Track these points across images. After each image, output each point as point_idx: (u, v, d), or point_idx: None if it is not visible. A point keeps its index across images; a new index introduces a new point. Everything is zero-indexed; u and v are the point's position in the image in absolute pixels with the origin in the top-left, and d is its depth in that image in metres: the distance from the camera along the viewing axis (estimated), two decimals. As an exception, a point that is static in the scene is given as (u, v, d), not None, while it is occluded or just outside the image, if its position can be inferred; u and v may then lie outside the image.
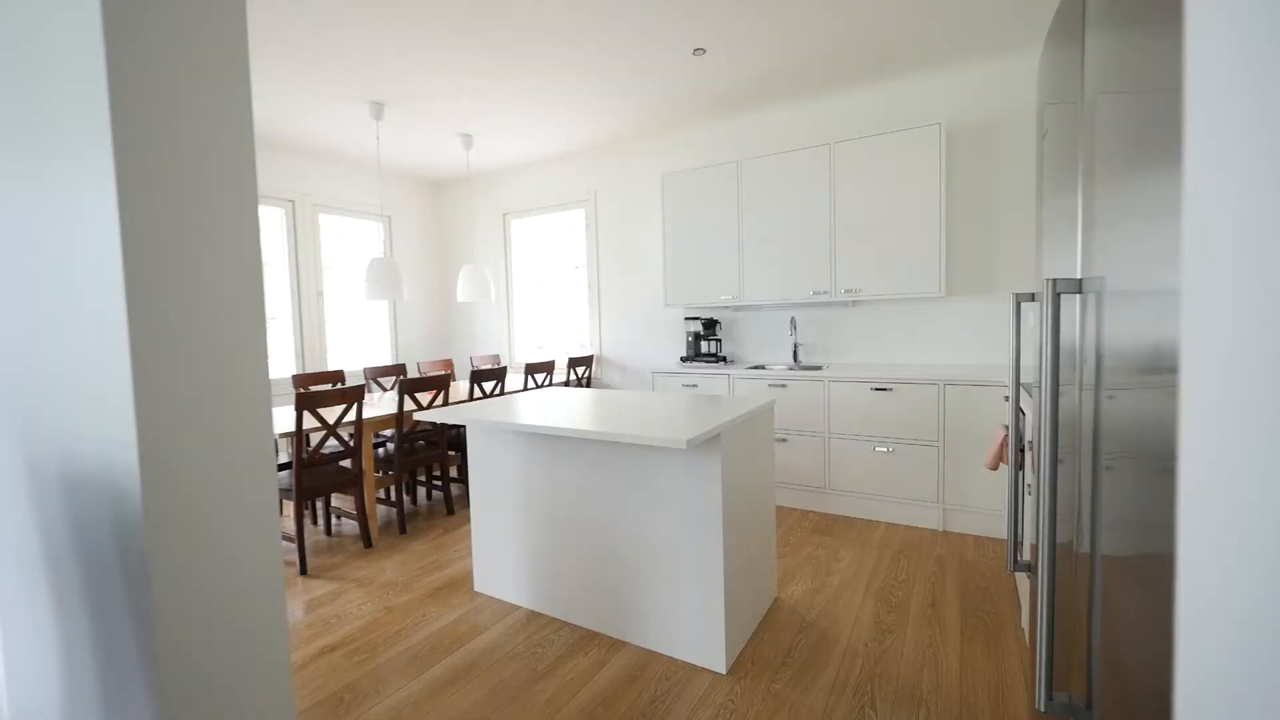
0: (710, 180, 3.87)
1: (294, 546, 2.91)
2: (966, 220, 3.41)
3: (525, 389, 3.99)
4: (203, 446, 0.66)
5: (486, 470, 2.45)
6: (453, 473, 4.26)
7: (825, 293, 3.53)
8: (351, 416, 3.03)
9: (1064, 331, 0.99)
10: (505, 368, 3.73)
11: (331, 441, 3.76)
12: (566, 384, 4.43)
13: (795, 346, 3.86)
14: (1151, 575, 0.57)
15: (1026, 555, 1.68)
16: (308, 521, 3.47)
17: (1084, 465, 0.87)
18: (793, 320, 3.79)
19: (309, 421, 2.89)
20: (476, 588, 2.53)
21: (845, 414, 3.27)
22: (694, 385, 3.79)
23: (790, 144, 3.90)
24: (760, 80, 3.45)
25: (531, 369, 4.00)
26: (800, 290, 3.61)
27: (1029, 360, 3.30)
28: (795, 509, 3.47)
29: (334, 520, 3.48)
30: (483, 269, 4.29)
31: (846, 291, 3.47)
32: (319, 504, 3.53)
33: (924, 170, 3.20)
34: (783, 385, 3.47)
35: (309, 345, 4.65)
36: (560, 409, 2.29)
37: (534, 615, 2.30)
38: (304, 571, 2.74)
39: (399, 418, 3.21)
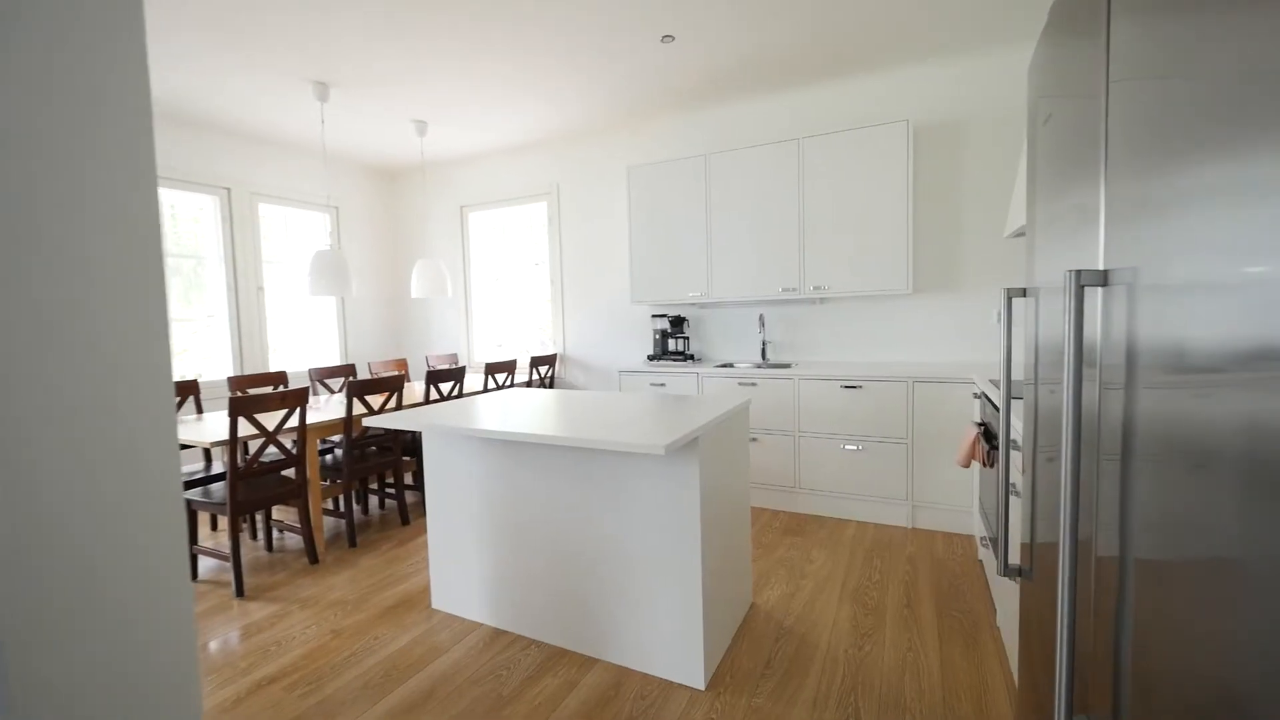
0: (677, 174, 3.78)
1: (229, 565, 2.65)
2: (933, 218, 3.42)
3: (485, 390, 3.81)
4: (75, 471, 0.50)
5: (444, 478, 2.28)
6: (408, 479, 4.04)
7: (794, 290, 3.49)
8: (294, 422, 2.79)
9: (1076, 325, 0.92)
10: (464, 368, 3.54)
11: (273, 449, 3.49)
12: (529, 384, 4.26)
13: (763, 344, 3.81)
14: (1207, 582, 0.52)
15: (1015, 558, 1.65)
16: (245, 537, 3.19)
17: (1102, 464, 0.81)
18: (761, 318, 3.74)
19: (246, 428, 2.65)
20: (434, 605, 2.35)
21: (815, 412, 3.24)
22: (662, 384, 3.69)
23: (758, 139, 3.84)
24: (729, 72, 3.37)
25: (492, 369, 3.82)
26: (769, 287, 3.56)
27: (987, 357, 3.34)
28: (766, 509, 3.41)
29: (276, 535, 3.21)
30: (438, 264, 4.07)
31: (815, 289, 3.44)
32: (259, 517, 3.26)
33: (892, 167, 3.19)
34: (753, 384, 3.41)
35: (248, 345, 4.31)
36: (524, 412, 2.14)
37: (498, 634, 2.15)
38: (240, 593, 2.50)
39: (347, 422, 2.98)
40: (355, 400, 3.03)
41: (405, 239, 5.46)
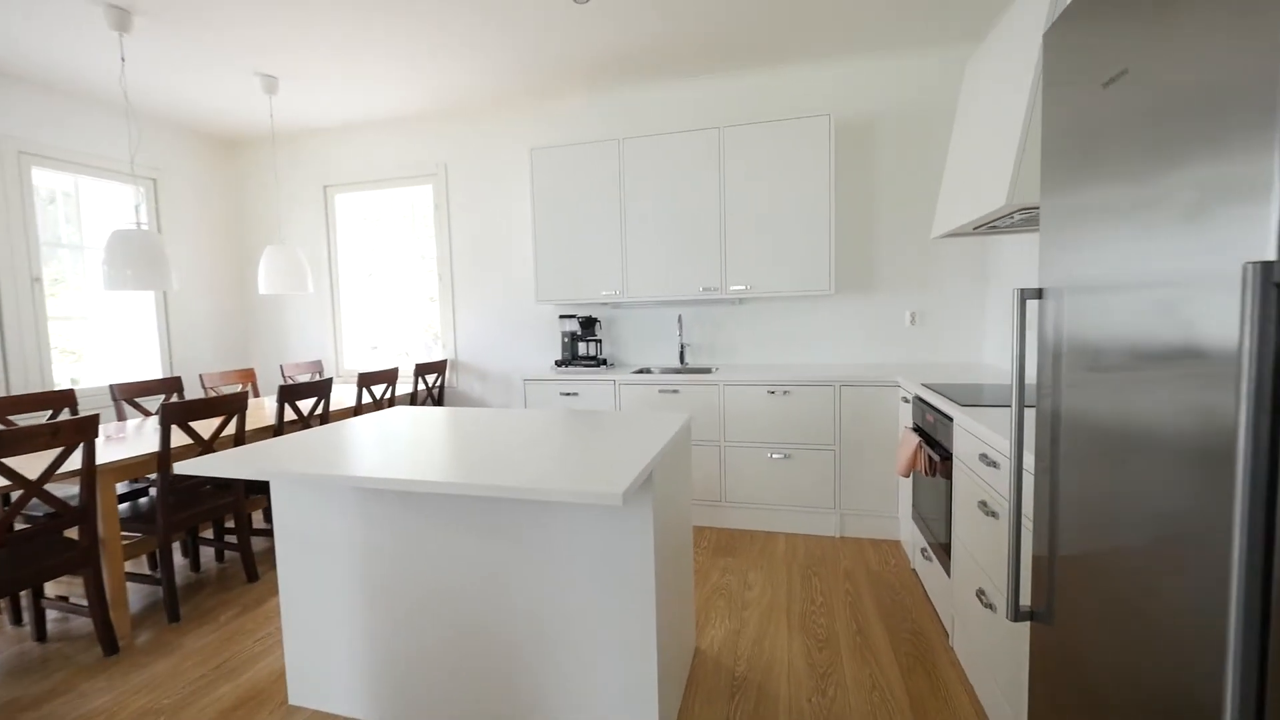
0: (587, 159, 3.40)
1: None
2: (850, 216, 3.36)
3: (359, 407, 3.17)
4: None
5: (302, 534, 1.72)
6: (257, 519, 3.26)
7: (715, 289, 3.26)
8: (77, 463, 2.03)
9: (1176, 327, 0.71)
10: (330, 379, 2.89)
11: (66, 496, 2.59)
12: (413, 397, 3.65)
13: (682, 347, 3.55)
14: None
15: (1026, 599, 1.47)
16: (5, 620, 2.32)
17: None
18: (679, 318, 3.48)
19: (-8, 477, 1.86)
20: (292, 699, 1.78)
21: (741, 419, 3.03)
22: (574, 394, 3.30)
23: (677, 125, 3.57)
24: (648, 45, 3.05)
25: (367, 380, 3.18)
26: (689, 287, 3.30)
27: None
28: (694, 526, 3.14)
29: (54, 617, 2.37)
30: (295, 252, 3.34)
31: (736, 288, 3.23)
32: (25, 597, 2.39)
33: (814, 162, 3.07)
34: (674, 390, 3.13)
35: (17, 356, 3.26)
36: (412, 443, 1.66)
37: (384, 734, 1.65)
38: (-19, 719, 1.73)
39: (163, 458, 2.25)
40: (175, 429, 2.31)
41: (252, 223, 4.52)
